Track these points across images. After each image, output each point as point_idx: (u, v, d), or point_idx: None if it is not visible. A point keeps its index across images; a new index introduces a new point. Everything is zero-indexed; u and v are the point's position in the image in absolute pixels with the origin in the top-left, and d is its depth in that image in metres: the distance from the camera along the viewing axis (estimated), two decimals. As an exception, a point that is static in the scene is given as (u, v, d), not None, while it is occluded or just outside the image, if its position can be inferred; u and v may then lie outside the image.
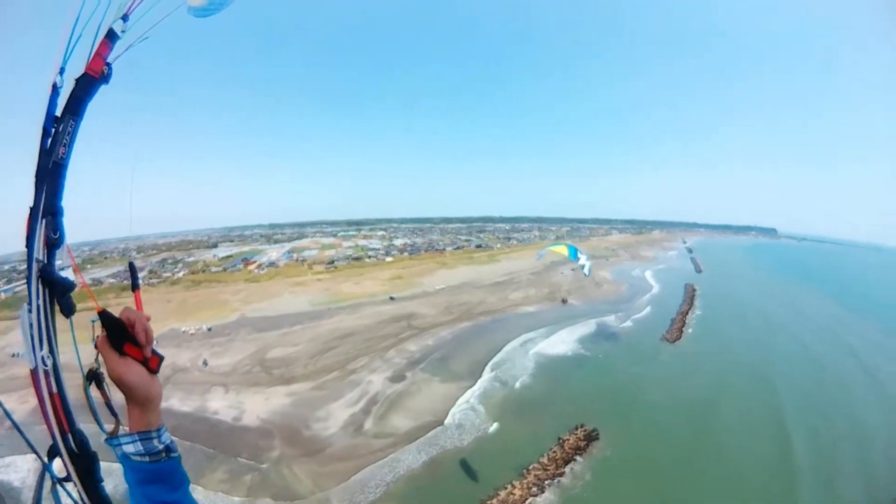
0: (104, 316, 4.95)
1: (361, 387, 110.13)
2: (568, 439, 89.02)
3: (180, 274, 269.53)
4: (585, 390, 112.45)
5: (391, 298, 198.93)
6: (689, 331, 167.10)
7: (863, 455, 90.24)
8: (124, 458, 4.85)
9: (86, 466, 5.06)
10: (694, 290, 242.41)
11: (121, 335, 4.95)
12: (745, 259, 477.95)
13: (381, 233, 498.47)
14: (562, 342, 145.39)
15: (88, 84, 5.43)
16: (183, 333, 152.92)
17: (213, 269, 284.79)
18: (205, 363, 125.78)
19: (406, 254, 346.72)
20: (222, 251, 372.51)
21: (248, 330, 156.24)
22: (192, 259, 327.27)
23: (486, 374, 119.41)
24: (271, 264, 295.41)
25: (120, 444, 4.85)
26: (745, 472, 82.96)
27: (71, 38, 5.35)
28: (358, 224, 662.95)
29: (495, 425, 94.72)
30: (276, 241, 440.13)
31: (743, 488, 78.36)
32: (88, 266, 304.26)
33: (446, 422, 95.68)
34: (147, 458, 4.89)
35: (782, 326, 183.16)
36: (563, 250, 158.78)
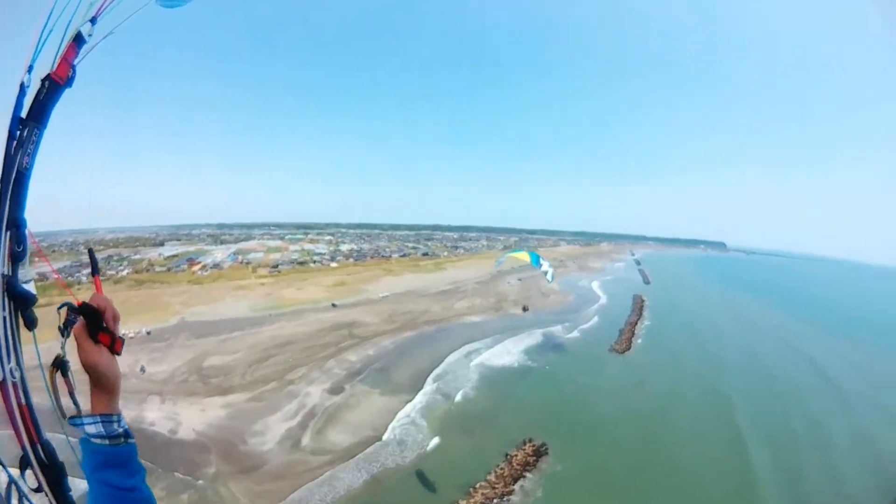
0: (85, 307, 5.19)
1: (299, 399, 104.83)
2: (516, 455, 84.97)
3: (124, 272, 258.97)
4: (533, 403, 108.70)
5: (333, 305, 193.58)
6: (639, 341, 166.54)
7: (824, 461, 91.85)
8: (84, 442, 4.98)
9: (55, 477, 5.20)
10: (643, 301, 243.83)
11: (97, 323, 5.23)
12: (694, 271, 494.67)
13: (328, 237, 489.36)
14: (507, 353, 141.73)
15: (54, 89, 5.32)
16: (122, 337, 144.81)
17: (158, 268, 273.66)
18: (142, 370, 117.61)
19: (352, 259, 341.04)
20: (168, 250, 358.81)
21: (188, 335, 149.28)
22: (137, 257, 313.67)
23: (428, 386, 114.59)
24: (215, 266, 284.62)
25: (83, 424, 4.98)
26: (703, 481, 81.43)
27: (41, 37, 5.28)
28: (306, 228, 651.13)
29: (438, 441, 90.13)
30: (222, 242, 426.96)
31: (701, 499, 77.02)
32: (36, 259, 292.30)
33: (386, 437, 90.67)
34: (107, 441, 5.05)
35: (731, 336, 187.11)
36: (524, 257, 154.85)
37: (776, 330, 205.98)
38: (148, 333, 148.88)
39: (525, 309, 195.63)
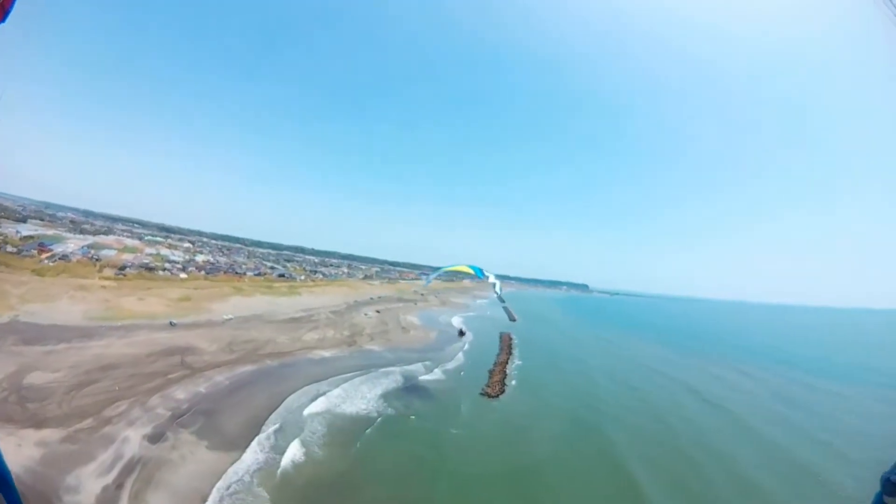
0: None
1: (116, 446, 78.75)
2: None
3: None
4: (395, 463, 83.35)
5: (171, 324, 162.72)
6: (513, 383, 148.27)
7: (719, 483, 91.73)
8: None
9: None
10: (510, 338, 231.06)
11: None
12: (559, 310, 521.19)
13: (187, 244, 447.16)
14: (362, 398, 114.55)
15: None
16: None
17: (10, 248, 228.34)
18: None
19: (203, 273, 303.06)
20: (28, 228, 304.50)
21: (16, 339, 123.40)
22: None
23: (266, 440, 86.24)
24: (64, 257, 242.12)
25: None
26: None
27: None
28: (169, 231, 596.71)
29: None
30: (82, 231, 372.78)
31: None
32: None
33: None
34: None
35: (602, 371, 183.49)
36: (463, 269, 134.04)
37: (646, 360, 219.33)
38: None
39: (462, 333, 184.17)
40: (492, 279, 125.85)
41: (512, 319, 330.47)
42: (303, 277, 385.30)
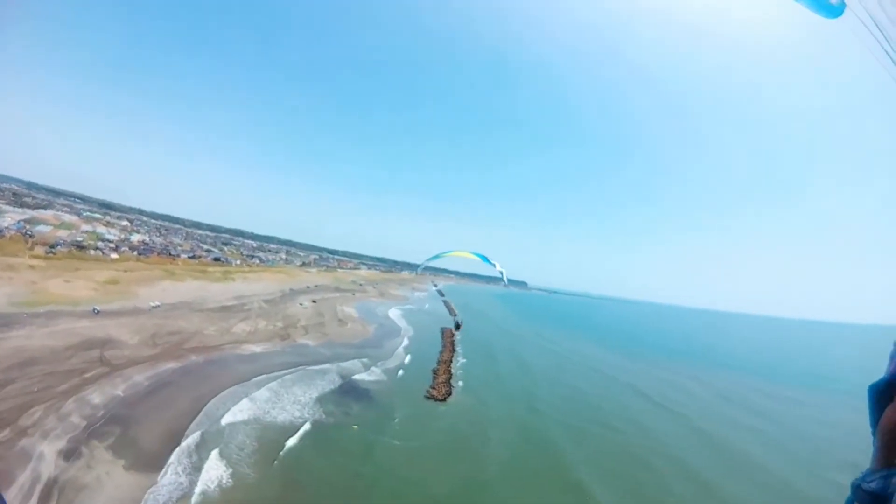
0: None
1: (33, 464, 66.25)
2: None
3: None
4: (329, 483, 72.43)
5: (95, 311, 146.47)
6: (459, 384, 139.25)
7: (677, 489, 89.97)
8: None
9: None
10: (453, 334, 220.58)
11: None
12: (499, 305, 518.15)
13: (125, 223, 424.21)
14: (294, 402, 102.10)
15: None
16: None
17: None
18: None
19: (136, 253, 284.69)
20: None
21: None
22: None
23: (184, 457, 72.76)
24: None
25: None
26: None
27: None
28: (110, 207, 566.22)
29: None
30: (22, 205, 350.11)
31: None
32: None
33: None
34: None
35: (545, 372, 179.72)
36: (467, 255, 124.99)
37: (586, 360, 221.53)
38: None
39: (458, 327, 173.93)
40: (498, 267, 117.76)
41: (453, 314, 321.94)
42: (238, 262, 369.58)
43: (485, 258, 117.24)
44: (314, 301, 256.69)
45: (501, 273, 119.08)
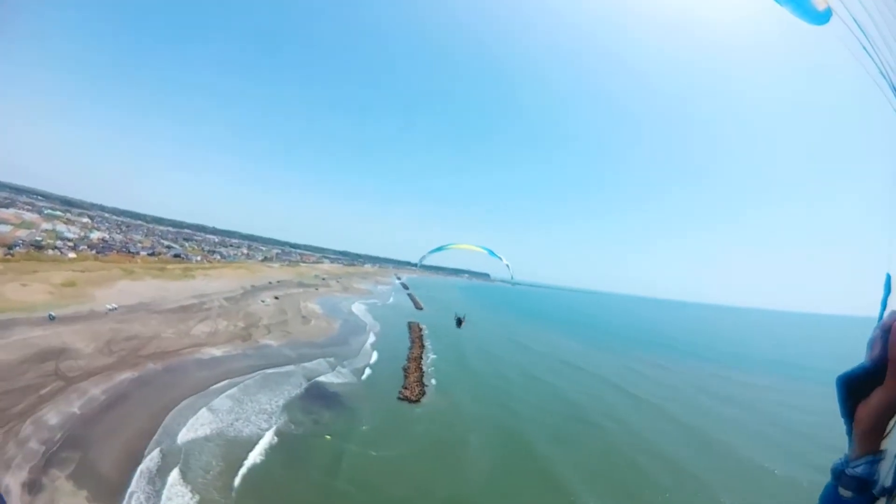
0: None
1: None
2: None
3: None
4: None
5: (51, 317, 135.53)
6: (432, 382, 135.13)
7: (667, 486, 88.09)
8: None
9: None
10: (420, 329, 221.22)
11: None
12: (463, 298, 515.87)
13: (86, 220, 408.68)
14: (259, 411, 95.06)
15: None
16: None
17: None
18: None
19: (95, 252, 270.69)
20: None
21: None
22: None
23: (144, 483, 65.96)
24: None
25: None
26: None
27: None
28: (71, 204, 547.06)
29: None
30: None
31: None
32: None
33: None
34: None
35: (517, 367, 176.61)
36: (473, 248, 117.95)
37: (555, 351, 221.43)
38: None
39: (460, 322, 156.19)
40: (505, 261, 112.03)
41: (419, 308, 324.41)
42: (199, 258, 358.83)
43: (491, 252, 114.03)
44: (276, 297, 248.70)
45: (508, 267, 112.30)
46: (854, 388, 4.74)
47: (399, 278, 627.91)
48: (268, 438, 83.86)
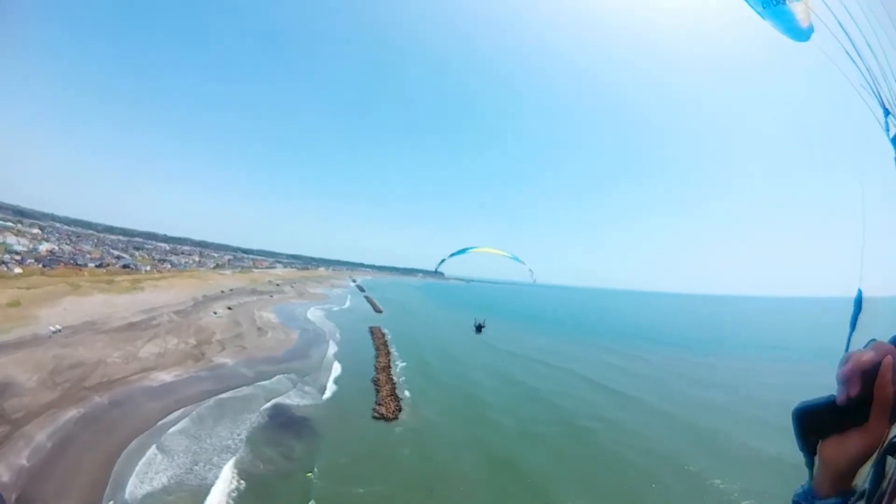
0: None
1: None
2: None
3: None
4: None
5: None
6: (406, 394, 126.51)
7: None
8: None
9: None
10: (383, 334, 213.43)
11: None
12: (421, 298, 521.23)
13: (36, 230, 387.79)
14: (221, 448, 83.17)
15: None
16: None
17: None
18: None
19: (41, 265, 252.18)
20: None
21: None
22: None
23: None
24: None
25: None
26: None
27: None
28: (24, 214, 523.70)
29: None
30: None
31: None
32: None
33: None
34: None
35: (489, 370, 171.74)
36: (498, 252, 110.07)
37: (523, 349, 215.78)
38: None
39: (479, 328, 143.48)
40: (528, 267, 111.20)
41: (378, 311, 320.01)
42: (149, 268, 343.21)
43: (516, 258, 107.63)
44: (230, 308, 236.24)
45: (531, 272, 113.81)
46: (814, 424, 4.42)
47: (354, 280, 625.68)
48: (233, 484, 72.63)
